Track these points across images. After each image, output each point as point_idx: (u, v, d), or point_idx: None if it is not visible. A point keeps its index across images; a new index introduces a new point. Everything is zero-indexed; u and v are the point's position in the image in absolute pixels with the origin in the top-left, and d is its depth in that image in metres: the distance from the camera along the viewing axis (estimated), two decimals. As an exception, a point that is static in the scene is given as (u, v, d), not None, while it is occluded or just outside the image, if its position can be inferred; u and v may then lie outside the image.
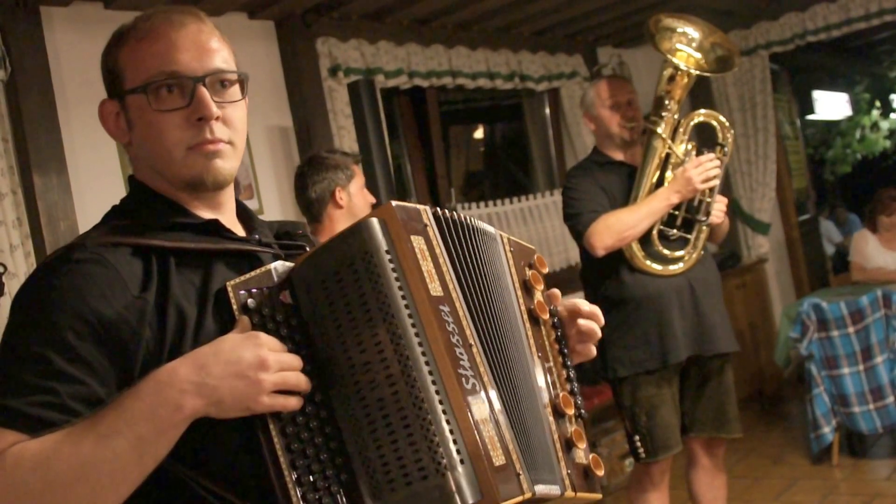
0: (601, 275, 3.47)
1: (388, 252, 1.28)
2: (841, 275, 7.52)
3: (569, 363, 1.59)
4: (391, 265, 1.27)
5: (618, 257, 3.40)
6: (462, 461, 1.20)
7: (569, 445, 1.45)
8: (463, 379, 1.25)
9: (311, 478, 1.23)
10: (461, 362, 1.27)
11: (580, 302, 1.66)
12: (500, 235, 1.57)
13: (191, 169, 1.37)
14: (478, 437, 1.22)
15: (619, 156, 3.60)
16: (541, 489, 1.27)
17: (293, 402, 1.23)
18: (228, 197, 1.49)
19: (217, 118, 1.37)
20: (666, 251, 3.43)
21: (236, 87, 1.42)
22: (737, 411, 3.61)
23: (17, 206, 3.54)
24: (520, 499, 1.22)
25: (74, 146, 3.68)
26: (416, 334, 1.25)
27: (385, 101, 4.69)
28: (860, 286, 5.63)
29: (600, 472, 1.46)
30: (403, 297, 1.26)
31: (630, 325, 3.39)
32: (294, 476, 1.22)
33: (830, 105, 10.19)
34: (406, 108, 5.59)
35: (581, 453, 1.46)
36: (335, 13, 4.61)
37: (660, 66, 3.54)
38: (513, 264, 1.56)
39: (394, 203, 1.33)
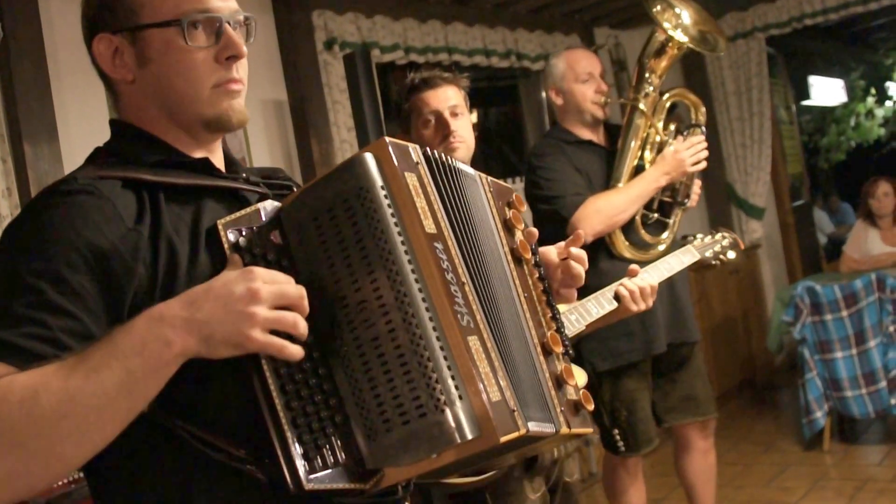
0: None
1: (383, 188, 1.26)
2: (833, 262, 7.52)
3: (553, 302, 1.59)
4: (387, 201, 1.25)
5: (597, 244, 3.21)
6: (461, 397, 1.19)
7: (559, 383, 1.45)
8: (459, 316, 1.24)
9: (305, 419, 1.21)
10: (456, 300, 1.26)
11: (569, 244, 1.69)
12: (480, 176, 1.56)
13: (215, 107, 1.37)
14: (475, 374, 1.21)
15: (587, 134, 3.40)
16: (533, 426, 1.27)
17: (292, 350, 1.18)
18: (219, 144, 1.49)
19: (242, 58, 1.39)
20: (648, 237, 3.30)
21: (244, 32, 1.43)
22: (710, 392, 3.53)
23: (6, 175, 3.49)
24: (515, 435, 1.22)
25: (66, 115, 3.64)
26: (413, 271, 1.23)
27: (380, 78, 4.65)
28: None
29: (590, 407, 1.47)
30: (400, 234, 1.24)
31: None
32: (289, 417, 1.20)
33: (826, 91, 10.18)
34: (401, 85, 5.56)
35: (571, 390, 1.46)
36: (332, -14, 4.58)
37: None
38: (493, 204, 1.55)
39: (387, 139, 1.31)
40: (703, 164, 3.27)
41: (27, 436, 1.11)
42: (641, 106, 3.31)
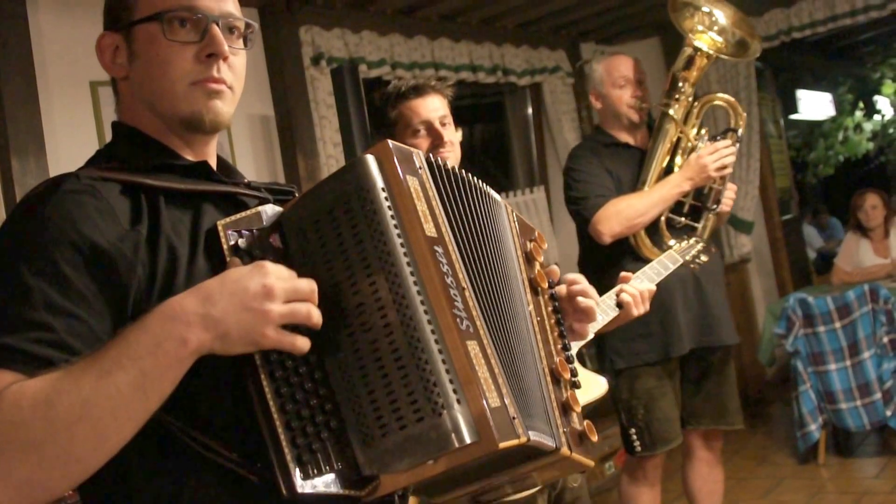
0: (603, 263, 3.30)
1: (384, 189, 1.25)
2: (823, 276, 7.51)
3: (565, 334, 1.60)
4: (387, 202, 1.24)
5: (621, 245, 3.29)
6: (459, 401, 1.16)
7: (565, 409, 1.44)
8: (458, 320, 1.22)
9: (300, 423, 1.19)
10: (455, 303, 1.24)
11: (578, 277, 1.71)
12: (506, 205, 1.58)
13: (191, 105, 1.36)
14: (473, 378, 1.18)
15: (624, 137, 3.49)
16: (534, 436, 1.24)
17: (301, 342, 1.18)
18: (213, 148, 1.48)
19: (225, 58, 1.37)
20: (673, 240, 3.30)
21: (241, 38, 1.43)
22: (738, 403, 3.55)
23: (-8, 190, 3.46)
24: (515, 442, 1.19)
25: (54, 129, 3.61)
26: (412, 273, 1.21)
27: (366, 93, 4.62)
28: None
29: (594, 438, 1.46)
30: (399, 236, 1.23)
31: None
32: (283, 420, 1.17)
33: (814, 105, 10.21)
34: (385, 93, 5.53)
35: (576, 417, 1.45)
36: (319, 0, 4.56)
37: (647, 60, 3.49)
38: (516, 232, 1.57)
39: (390, 142, 1.31)
40: (729, 171, 3.29)
41: (43, 441, 1.08)
42: (671, 111, 3.35)
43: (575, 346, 1.99)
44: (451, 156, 2.58)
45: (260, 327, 1.15)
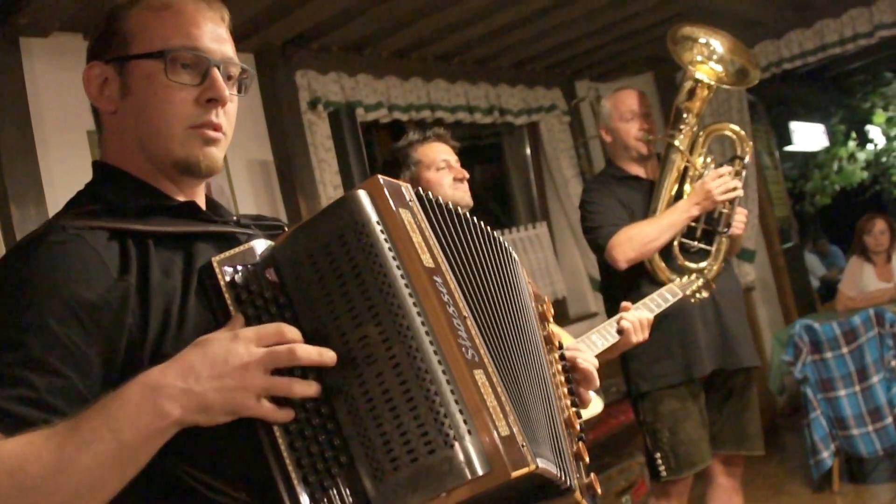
0: (622, 288, 3.42)
1: (379, 223, 1.24)
2: (828, 303, 7.48)
3: (574, 391, 1.60)
4: (383, 235, 1.23)
5: (638, 270, 3.38)
6: (469, 431, 1.14)
7: (576, 458, 1.45)
8: (463, 349, 1.21)
9: (310, 460, 1.17)
10: (459, 333, 1.22)
11: (582, 350, 1.75)
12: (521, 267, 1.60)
13: (186, 149, 1.34)
14: (483, 408, 1.17)
15: (635, 170, 3.59)
16: (542, 463, 1.23)
17: (282, 415, 1.15)
18: (202, 188, 1.47)
19: (224, 104, 1.36)
20: (688, 264, 3.41)
21: (236, 84, 1.42)
22: (759, 428, 3.57)
23: (-7, 237, 3.46)
24: (525, 471, 1.17)
25: (52, 178, 3.61)
26: (415, 304, 1.20)
27: (364, 136, 4.64)
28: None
29: (599, 492, 1.46)
30: (398, 267, 1.22)
31: (652, 338, 3.07)
32: (293, 458, 1.15)
33: (807, 136, 10.21)
34: (386, 143, 5.55)
35: (584, 469, 1.46)
36: (315, 44, 4.59)
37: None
38: (532, 292, 1.58)
39: (380, 177, 1.30)
40: (734, 194, 3.36)
41: None
42: (676, 142, 3.45)
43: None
44: (468, 193, 2.85)
45: (241, 399, 1.13)
